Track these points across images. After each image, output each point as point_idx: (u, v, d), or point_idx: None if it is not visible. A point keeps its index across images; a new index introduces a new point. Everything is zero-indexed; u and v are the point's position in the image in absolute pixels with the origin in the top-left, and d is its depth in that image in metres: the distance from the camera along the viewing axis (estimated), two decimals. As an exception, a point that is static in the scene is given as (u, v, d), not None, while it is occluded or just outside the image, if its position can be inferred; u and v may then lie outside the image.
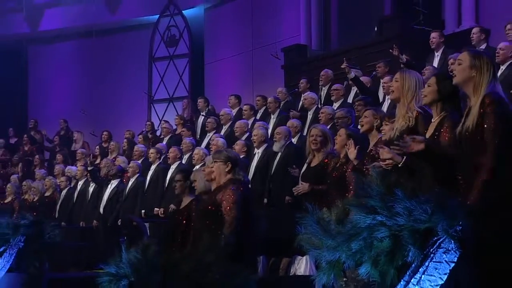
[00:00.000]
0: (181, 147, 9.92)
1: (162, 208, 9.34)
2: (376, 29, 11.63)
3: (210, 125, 10.70)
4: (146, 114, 15.83)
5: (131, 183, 9.94)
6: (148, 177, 9.82)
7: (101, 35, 16.53)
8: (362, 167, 5.33)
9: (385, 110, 7.61)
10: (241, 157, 6.74)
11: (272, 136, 8.78)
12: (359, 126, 5.80)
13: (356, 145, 5.65)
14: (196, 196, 6.09)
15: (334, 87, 9.45)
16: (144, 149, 10.71)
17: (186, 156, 9.73)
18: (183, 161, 9.62)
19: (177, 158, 9.60)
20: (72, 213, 10.68)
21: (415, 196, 3.31)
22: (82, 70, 16.74)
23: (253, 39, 14.39)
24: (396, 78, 4.63)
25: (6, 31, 16.96)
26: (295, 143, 8.20)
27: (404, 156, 4.04)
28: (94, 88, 16.47)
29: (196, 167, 8.35)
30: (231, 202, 5.10)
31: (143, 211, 9.64)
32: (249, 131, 9.56)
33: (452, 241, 3.22)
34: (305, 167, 6.72)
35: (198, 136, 11.43)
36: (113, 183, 10.10)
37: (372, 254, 3.30)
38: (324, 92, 10.21)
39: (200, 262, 3.95)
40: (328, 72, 10.40)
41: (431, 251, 3.23)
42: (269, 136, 8.79)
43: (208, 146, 9.44)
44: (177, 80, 15.90)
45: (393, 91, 4.62)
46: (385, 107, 8.05)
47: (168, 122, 12.10)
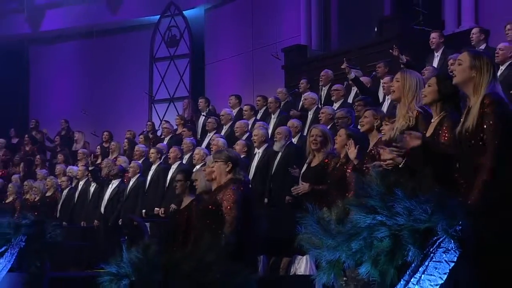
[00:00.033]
0: (181, 147, 9.92)
1: (162, 208, 9.36)
2: (376, 29, 11.65)
3: (210, 125, 10.71)
4: (147, 114, 15.83)
5: (132, 183, 9.96)
6: (149, 177, 9.82)
7: (102, 35, 16.52)
8: (362, 167, 5.34)
9: (385, 110, 7.62)
10: (241, 157, 6.75)
11: (272, 136, 8.80)
12: (359, 126, 5.81)
13: (356, 145, 5.66)
14: (196, 196, 6.11)
15: (334, 87, 9.46)
16: (145, 149, 10.71)
17: (186, 156, 9.74)
18: (184, 161, 9.63)
19: (177, 158, 9.61)
20: (73, 213, 10.69)
21: (415, 196, 3.30)
22: (83, 70, 16.73)
23: (254, 40, 14.39)
24: (397, 78, 4.63)
25: (7, 31, 16.95)
26: (295, 143, 8.20)
27: (405, 157, 4.06)
28: (95, 88, 16.46)
29: (196, 167, 8.37)
30: (232, 202, 5.11)
31: (144, 211, 9.67)
32: (249, 131, 9.57)
33: (452, 241, 3.22)
34: (305, 167, 6.72)
35: (198, 136, 11.43)
36: (114, 183, 10.11)
37: (372, 253, 3.30)
38: (324, 92, 10.22)
39: (200, 262, 3.94)
40: (328, 73, 10.41)
41: (431, 250, 3.23)
42: (269, 136, 8.80)
43: (209, 146, 9.44)
44: (178, 80, 15.90)
45: (394, 91, 4.62)
46: (385, 107, 8.06)
47: (169, 122, 12.10)
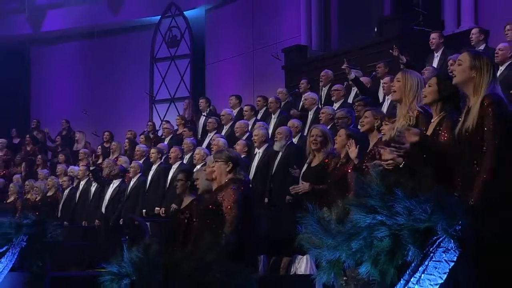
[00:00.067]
0: (182, 147, 9.93)
1: (163, 208, 9.38)
2: (376, 29, 11.65)
3: (211, 125, 10.73)
4: (148, 114, 15.84)
5: (132, 183, 9.97)
6: (149, 177, 9.84)
7: (103, 36, 16.53)
8: (363, 166, 5.35)
9: (385, 110, 7.63)
10: (242, 157, 6.76)
11: (272, 136, 8.81)
12: (359, 126, 5.82)
13: (357, 144, 5.67)
14: (197, 195, 6.12)
15: (334, 88, 9.47)
16: (145, 149, 10.72)
17: (187, 156, 9.75)
18: (184, 161, 9.64)
19: (178, 158, 9.63)
20: (74, 213, 10.70)
21: (415, 195, 3.31)
22: (84, 70, 16.73)
23: (254, 40, 14.40)
24: (398, 78, 4.61)
25: (8, 32, 16.96)
26: (295, 143, 8.21)
27: (405, 157, 4.07)
28: (96, 88, 16.47)
29: (197, 167, 8.39)
30: (232, 201, 5.11)
31: (144, 211, 9.68)
32: (249, 131, 9.59)
33: (452, 241, 3.22)
34: (306, 167, 6.72)
35: (199, 136, 11.45)
36: (115, 183, 10.13)
37: (372, 253, 3.30)
38: (324, 93, 10.23)
39: (201, 261, 3.93)
40: (328, 73, 10.42)
41: (430, 250, 3.23)
42: (269, 136, 8.81)
43: (209, 146, 9.44)
44: (179, 81, 15.91)
45: (395, 91, 4.60)
46: (385, 107, 8.07)
47: (169, 122, 12.10)
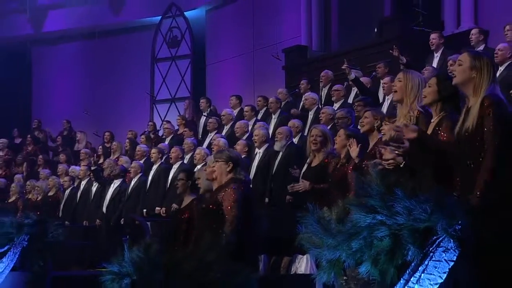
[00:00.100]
0: (182, 147, 9.94)
1: (163, 208, 9.39)
2: (376, 30, 11.65)
3: (211, 125, 10.74)
4: (149, 114, 15.85)
5: (133, 182, 9.98)
6: (150, 177, 9.85)
7: (104, 36, 16.54)
8: (363, 165, 5.36)
9: (385, 110, 7.64)
10: (242, 157, 6.77)
11: (273, 136, 8.82)
12: (359, 127, 5.83)
13: (358, 143, 5.68)
14: (197, 195, 6.14)
15: (334, 88, 9.48)
16: (146, 149, 10.73)
17: (187, 156, 9.76)
18: (185, 161, 9.65)
19: (179, 158, 9.64)
20: (76, 212, 10.71)
21: (414, 195, 3.31)
22: (85, 71, 16.74)
23: (254, 40, 14.41)
24: (399, 78, 4.60)
25: (10, 32, 16.97)
26: (296, 143, 8.22)
27: (405, 157, 4.09)
28: (97, 88, 16.48)
29: (197, 167, 8.40)
30: (232, 201, 5.11)
31: (145, 210, 9.69)
32: (249, 131, 9.60)
33: (451, 240, 3.22)
34: (306, 167, 6.73)
35: (199, 136, 11.46)
36: (116, 183, 10.14)
37: (372, 253, 3.31)
38: (324, 93, 10.25)
39: (201, 261, 3.93)
40: (328, 73, 10.44)
41: (430, 250, 3.23)
42: (270, 136, 8.83)
43: (210, 146, 9.46)
44: (179, 81, 15.92)
45: (396, 91, 4.58)
46: (385, 107, 8.08)
47: (170, 122, 12.11)
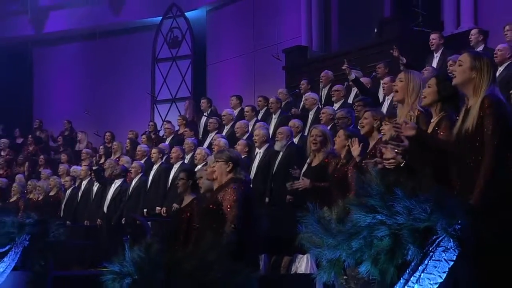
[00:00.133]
0: (183, 147, 9.96)
1: (164, 207, 9.41)
2: (376, 30, 11.66)
3: (212, 125, 10.75)
4: (149, 114, 15.85)
5: (134, 182, 9.99)
6: (150, 177, 9.87)
7: (105, 36, 16.56)
8: (363, 164, 5.37)
9: (385, 110, 7.66)
10: (242, 157, 6.78)
11: (273, 136, 8.84)
12: (359, 127, 5.84)
13: (360, 142, 5.69)
14: (197, 195, 6.15)
15: (334, 88, 9.50)
16: (147, 149, 10.74)
17: (188, 156, 9.77)
18: (185, 161, 9.67)
19: (179, 158, 9.66)
20: (77, 212, 10.73)
21: (414, 195, 3.32)
22: (86, 71, 16.76)
23: (255, 41, 14.42)
24: (400, 78, 4.60)
25: (11, 33, 16.99)
26: (296, 143, 8.23)
27: (406, 156, 4.10)
28: (98, 89, 16.50)
29: (198, 167, 8.42)
30: (232, 201, 5.11)
31: (145, 210, 9.71)
32: (249, 131, 9.62)
33: (451, 240, 3.23)
34: (306, 167, 6.74)
35: (200, 136, 11.47)
36: (117, 183, 10.15)
37: (372, 252, 3.31)
38: (324, 93, 10.27)
39: (202, 261, 3.94)
40: (328, 73, 10.45)
41: (430, 249, 3.24)
42: (270, 136, 8.84)
43: (210, 146, 9.47)
44: (180, 81, 15.93)
45: (397, 91, 4.58)
46: (385, 107, 8.09)
47: (171, 123, 12.12)
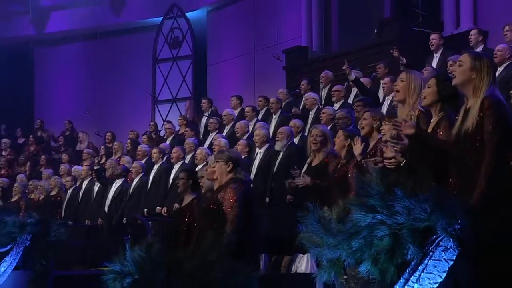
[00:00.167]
0: (184, 147, 9.97)
1: (165, 207, 9.42)
2: (376, 31, 11.67)
3: (212, 125, 10.76)
4: (150, 114, 15.86)
5: (135, 182, 10.00)
6: (151, 177, 9.88)
7: (106, 37, 16.57)
8: (364, 163, 5.37)
9: (385, 110, 7.67)
10: (243, 157, 6.79)
11: (273, 136, 8.85)
12: (359, 128, 5.85)
13: (362, 142, 5.70)
14: (197, 194, 6.16)
15: (335, 88, 9.51)
16: (147, 149, 10.76)
17: (189, 156, 9.78)
18: (186, 161, 9.68)
19: (180, 158, 9.67)
20: (78, 212, 10.74)
21: (414, 195, 3.33)
22: (87, 71, 16.77)
23: (255, 41, 14.43)
24: (401, 78, 4.61)
25: (12, 33, 17.00)
26: (296, 143, 8.24)
27: (406, 155, 4.11)
28: (99, 89, 16.51)
29: (198, 167, 8.44)
30: (232, 201, 5.13)
31: (146, 210, 9.73)
32: (249, 131, 9.63)
33: (451, 239, 3.24)
34: (306, 167, 6.75)
35: (201, 136, 11.48)
36: (118, 183, 10.16)
37: (372, 252, 3.32)
38: (324, 93, 10.28)
39: (203, 260, 3.95)
40: (328, 74, 10.46)
41: (430, 249, 3.25)
42: (270, 136, 8.86)
43: (211, 146, 9.49)
44: (181, 81, 15.94)
45: (398, 91, 4.59)
46: (385, 107, 8.11)
47: (171, 123, 12.13)
